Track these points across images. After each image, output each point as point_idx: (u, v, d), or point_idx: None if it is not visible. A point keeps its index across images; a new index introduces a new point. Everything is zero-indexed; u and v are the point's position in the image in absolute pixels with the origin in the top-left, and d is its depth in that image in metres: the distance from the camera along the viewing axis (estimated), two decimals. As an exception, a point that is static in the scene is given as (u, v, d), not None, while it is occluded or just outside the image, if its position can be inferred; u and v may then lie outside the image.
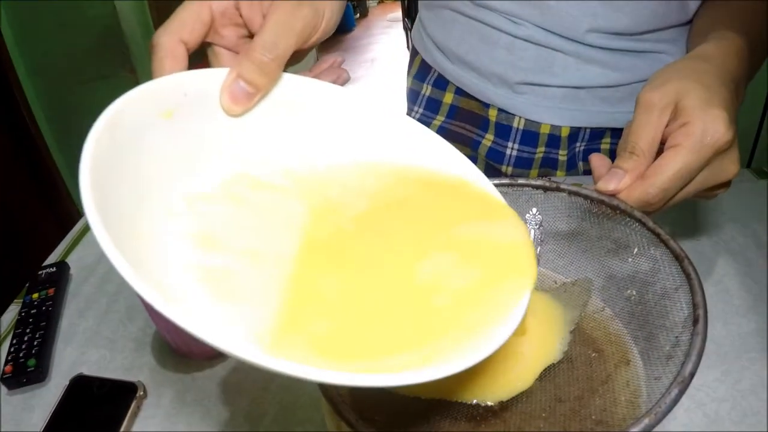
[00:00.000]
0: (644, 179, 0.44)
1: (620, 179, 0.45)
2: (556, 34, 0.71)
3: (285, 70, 0.40)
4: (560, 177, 0.80)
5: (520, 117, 0.78)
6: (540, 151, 0.79)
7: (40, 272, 0.70)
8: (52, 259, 0.75)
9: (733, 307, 0.60)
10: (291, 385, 0.55)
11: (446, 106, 0.83)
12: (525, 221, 0.48)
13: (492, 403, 0.38)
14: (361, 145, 0.41)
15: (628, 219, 0.45)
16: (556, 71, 0.73)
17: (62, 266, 0.71)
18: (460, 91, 0.82)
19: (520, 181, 0.48)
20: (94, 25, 1.77)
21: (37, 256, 0.78)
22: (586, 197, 0.47)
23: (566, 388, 0.43)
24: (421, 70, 0.87)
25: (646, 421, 0.31)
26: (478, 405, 0.38)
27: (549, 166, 0.80)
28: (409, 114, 0.88)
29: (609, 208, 0.45)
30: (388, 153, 0.41)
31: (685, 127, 0.45)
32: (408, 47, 3.80)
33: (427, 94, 0.85)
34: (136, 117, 0.33)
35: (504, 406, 0.39)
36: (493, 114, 0.80)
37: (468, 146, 0.83)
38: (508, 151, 0.80)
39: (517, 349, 0.42)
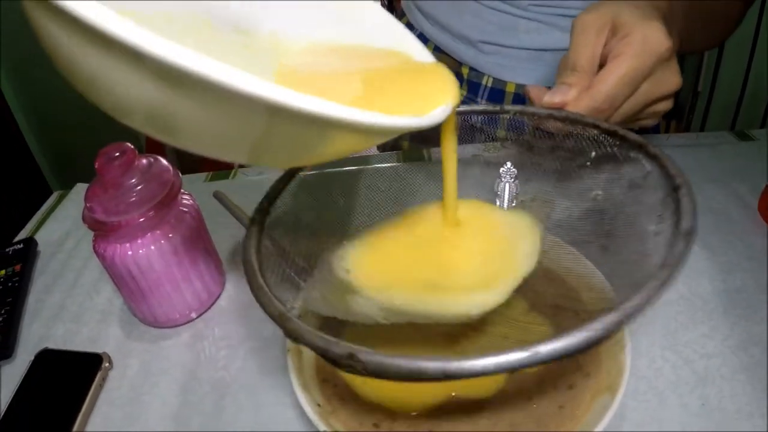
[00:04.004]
0: (590, 89, 0.45)
1: (566, 92, 0.45)
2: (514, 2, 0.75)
3: None
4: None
5: (488, 75, 0.82)
6: None
7: (7, 249, 0.68)
8: (22, 236, 0.73)
9: (718, 264, 0.58)
10: (258, 349, 0.53)
11: None
12: (499, 175, 0.47)
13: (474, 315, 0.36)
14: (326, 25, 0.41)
15: (580, 127, 0.43)
16: (519, 35, 0.77)
17: (29, 242, 0.69)
18: (438, 49, 0.86)
19: (462, 108, 0.46)
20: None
21: (8, 234, 0.76)
22: (533, 115, 0.45)
23: (548, 290, 0.44)
24: None
25: (662, 275, 0.28)
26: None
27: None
28: None
29: (558, 120, 0.44)
30: (346, 33, 0.41)
31: (627, 38, 0.45)
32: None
33: None
34: None
35: (485, 320, 0.39)
36: (465, 71, 0.84)
37: None
38: None
39: (489, 266, 0.41)
